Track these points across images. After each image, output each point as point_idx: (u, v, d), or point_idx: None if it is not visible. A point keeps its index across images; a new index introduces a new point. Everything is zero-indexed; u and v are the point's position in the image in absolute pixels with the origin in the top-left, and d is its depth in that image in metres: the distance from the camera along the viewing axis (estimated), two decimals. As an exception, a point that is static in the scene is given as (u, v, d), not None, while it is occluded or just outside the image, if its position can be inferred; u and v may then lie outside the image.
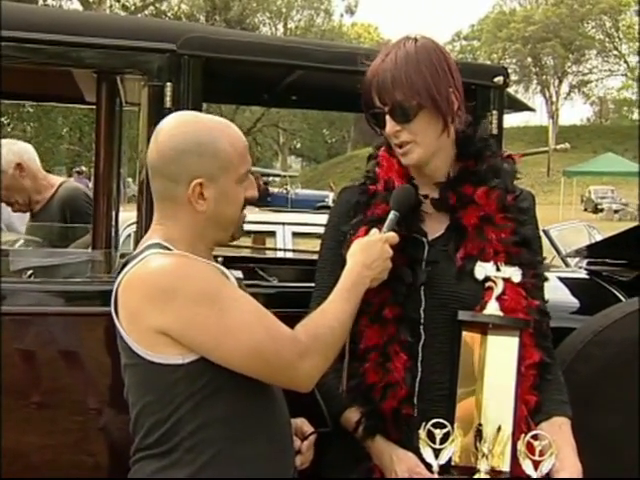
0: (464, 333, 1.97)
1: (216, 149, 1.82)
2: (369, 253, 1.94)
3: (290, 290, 2.94)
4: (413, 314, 2.00)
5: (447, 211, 2.07)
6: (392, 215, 1.99)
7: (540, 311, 2.05)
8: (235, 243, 4.42)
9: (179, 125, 1.85)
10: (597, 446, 2.32)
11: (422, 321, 2.00)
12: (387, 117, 1.98)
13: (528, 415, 1.99)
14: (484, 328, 1.96)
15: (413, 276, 2.00)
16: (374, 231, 1.99)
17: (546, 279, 2.13)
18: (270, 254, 5.51)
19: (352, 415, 2.03)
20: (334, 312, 1.87)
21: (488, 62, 54.57)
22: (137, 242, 2.09)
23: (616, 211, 33.99)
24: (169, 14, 49.05)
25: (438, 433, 1.90)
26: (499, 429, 1.92)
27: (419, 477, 1.90)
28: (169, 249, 1.80)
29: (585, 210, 37.55)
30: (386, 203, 2.04)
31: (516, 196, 2.09)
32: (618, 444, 2.66)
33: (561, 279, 3.41)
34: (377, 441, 1.99)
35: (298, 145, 69.44)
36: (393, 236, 1.97)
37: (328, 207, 26.69)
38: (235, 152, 1.85)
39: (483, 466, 1.88)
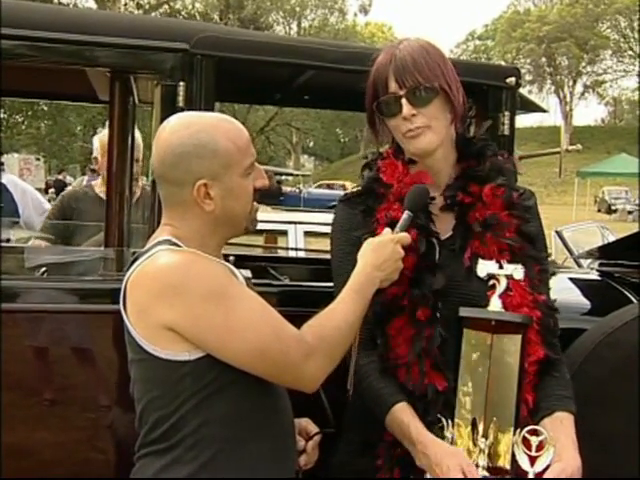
0: (468, 331, 1.95)
1: (215, 147, 1.81)
2: (380, 254, 1.93)
3: (302, 289, 2.95)
4: (435, 316, 1.99)
5: (454, 211, 2.08)
6: (406, 215, 1.99)
7: (547, 306, 2.04)
8: (247, 242, 4.45)
9: (176, 129, 1.85)
10: (606, 447, 2.32)
11: (439, 322, 2.00)
12: (403, 100, 1.99)
13: (528, 414, 1.98)
14: (487, 325, 1.94)
15: (432, 280, 2.00)
16: (386, 231, 1.98)
17: (552, 274, 2.13)
18: (282, 253, 5.51)
19: (404, 413, 1.97)
20: (342, 313, 1.86)
21: (502, 62, 54.47)
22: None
23: (630, 212, 33.79)
24: (183, 13, 49.12)
25: (435, 428, 1.91)
26: (503, 428, 1.90)
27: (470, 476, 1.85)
28: (178, 246, 1.81)
29: (599, 211, 37.38)
30: (399, 203, 2.05)
31: (520, 194, 2.10)
32: (628, 445, 2.65)
33: (573, 280, 3.41)
34: (426, 436, 1.93)
35: (311, 144, 69.43)
36: (405, 236, 1.96)
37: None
38: (235, 147, 1.84)
39: (482, 462, 1.87)
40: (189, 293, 1.71)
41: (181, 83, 2.41)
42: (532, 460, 1.86)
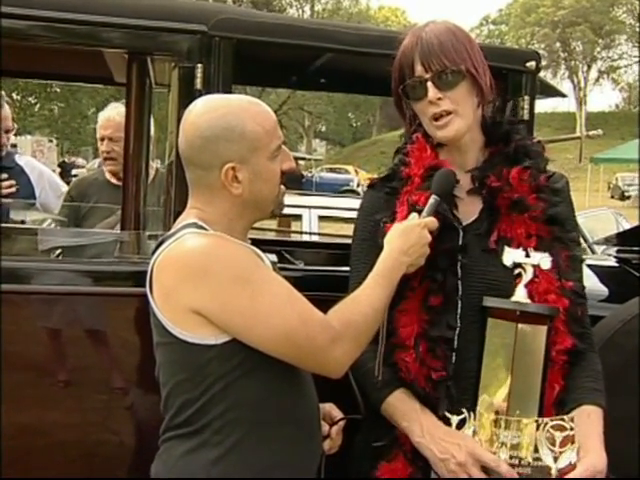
0: (492, 320, 1.94)
1: (243, 131, 1.80)
2: (407, 238, 1.91)
3: (316, 273, 2.94)
4: (451, 302, 1.97)
5: (481, 194, 2.05)
6: (432, 200, 1.97)
7: (574, 293, 2.00)
8: (261, 225, 4.44)
9: (204, 112, 1.84)
10: (625, 436, 2.31)
11: (459, 309, 1.98)
12: (429, 84, 1.96)
13: (554, 405, 1.96)
14: (512, 315, 1.92)
15: (451, 264, 1.98)
16: (413, 215, 1.97)
17: (582, 261, 2.10)
18: (296, 237, 5.51)
19: (404, 394, 1.98)
20: (368, 298, 1.85)
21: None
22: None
23: (643, 198, 33.52)
24: (196, -5, 48.98)
25: (454, 419, 1.90)
26: (524, 421, 1.88)
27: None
28: (205, 229, 1.81)
29: (612, 197, 37.16)
30: (424, 189, 2.03)
31: (549, 177, 2.08)
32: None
33: (590, 266, 3.38)
34: (430, 416, 1.94)
35: (323, 128, 69.37)
36: (432, 221, 1.95)
37: (352, 191, 26.70)
38: (263, 130, 1.83)
39: (503, 455, 1.85)
40: (216, 277, 1.71)
41: (199, 65, 2.39)
42: (556, 455, 1.84)
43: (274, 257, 2.09)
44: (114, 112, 3.98)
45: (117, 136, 3.88)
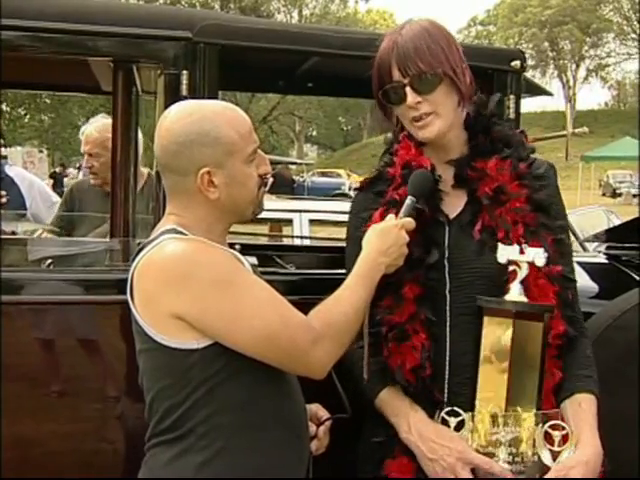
0: (488, 319, 1.94)
1: (218, 135, 1.81)
2: (384, 239, 1.93)
3: (308, 277, 2.94)
4: (439, 296, 1.99)
5: (464, 187, 2.06)
6: (409, 200, 1.98)
7: (563, 277, 2.01)
8: (252, 230, 4.45)
9: (178, 118, 1.84)
10: (617, 431, 2.31)
11: (448, 302, 1.99)
12: (407, 89, 1.97)
13: (554, 391, 1.97)
14: (507, 312, 1.92)
15: (429, 256, 1.99)
16: (390, 217, 1.98)
17: (570, 245, 2.11)
18: (287, 241, 5.51)
19: (398, 391, 2.00)
20: (348, 298, 1.87)
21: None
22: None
23: (635, 195, 33.62)
24: (183, 2, 49.02)
25: (452, 421, 1.90)
26: (523, 415, 1.88)
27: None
28: (184, 234, 1.81)
29: (603, 195, 37.27)
30: (404, 186, 2.04)
31: (530, 164, 2.08)
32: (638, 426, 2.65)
33: (580, 264, 3.39)
34: (417, 415, 1.96)
35: (314, 133, 69.47)
36: (409, 222, 1.96)
37: (344, 194, 26.75)
38: (238, 134, 1.84)
39: (502, 454, 1.86)
40: (196, 281, 1.71)
41: (184, 72, 2.39)
42: (554, 454, 1.85)
43: (254, 260, 2.10)
44: (92, 127, 3.98)
45: (95, 152, 3.90)
